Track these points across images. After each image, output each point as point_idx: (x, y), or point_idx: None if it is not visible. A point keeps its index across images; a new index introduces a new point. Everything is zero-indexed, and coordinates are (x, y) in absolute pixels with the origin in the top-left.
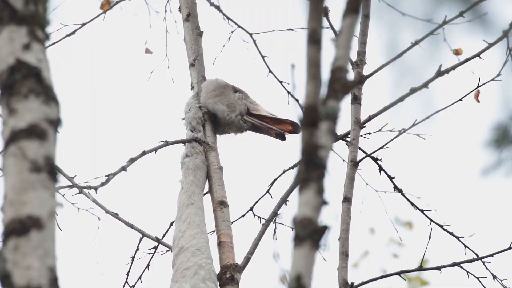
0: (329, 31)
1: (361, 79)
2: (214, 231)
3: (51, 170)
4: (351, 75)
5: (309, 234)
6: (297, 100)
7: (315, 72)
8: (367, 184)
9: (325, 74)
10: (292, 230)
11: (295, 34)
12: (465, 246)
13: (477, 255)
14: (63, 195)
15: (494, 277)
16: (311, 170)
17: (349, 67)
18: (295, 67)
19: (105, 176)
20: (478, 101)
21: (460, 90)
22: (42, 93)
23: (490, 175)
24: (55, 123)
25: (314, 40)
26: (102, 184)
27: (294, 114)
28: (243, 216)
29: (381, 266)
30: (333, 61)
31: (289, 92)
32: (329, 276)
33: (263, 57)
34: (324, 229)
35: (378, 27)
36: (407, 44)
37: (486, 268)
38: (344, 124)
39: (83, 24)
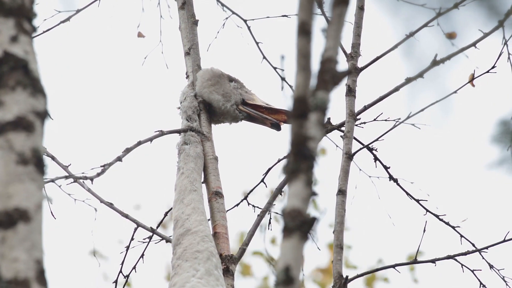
0: (322, 20)
1: (350, 70)
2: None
3: (38, 163)
4: (344, 66)
5: (298, 225)
6: (290, 86)
7: (305, 63)
8: (360, 169)
9: (315, 65)
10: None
11: (290, 20)
12: (461, 236)
13: (473, 245)
14: (59, 186)
15: (491, 267)
16: (300, 161)
17: (342, 58)
18: (285, 58)
19: (101, 166)
20: (473, 85)
21: (456, 79)
22: (29, 85)
23: (495, 169)
24: (42, 115)
25: (304, 31)
26: (98, 175)
27: (287, 101)
28: (237, 205)
29: (375, 258)
30: (323, 52)
31: (283, 78)
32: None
33: (257, 43)
34: (313, 220)
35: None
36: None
37: (483, 258)
38: (338, 116)
39: (78, 11)
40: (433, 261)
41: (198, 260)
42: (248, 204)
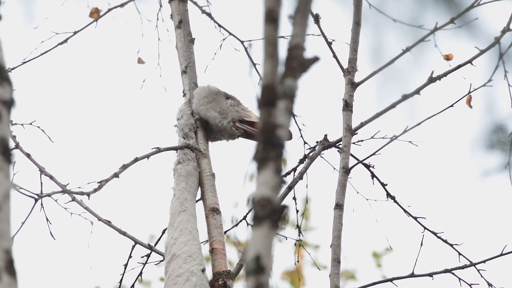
0: (322, 38)
1: (317, 57)
2: (207, 241)
3: (5, 151)
4: (341, 81)
5: (267, 214)
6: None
7: (272, 51)
8: (357, 192)
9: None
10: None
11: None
12: (459, 254)
13: (470, 261)
14: (55, 200)
15: (490, 285)
16: (269, 149)
17: (339, 73)
18: (252, 46)
19: (98, 182)
20: (471, 107)
21: (450, 96)
22: None
23: (490, 176)
24: (9, 103)
25: (271, 19)
26: (95, 190)
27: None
28: (236, 225)
29: (372, 272)
30: (290, 39)
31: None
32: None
33: (254, 64)
34: (282, 208)
35: (365, 31)
36: (394, 48)
37: (482, 276)
38: (335, 131)
39: (75, 32)
40: (430, 275)
41: (177, 285)
42: (247, 224)
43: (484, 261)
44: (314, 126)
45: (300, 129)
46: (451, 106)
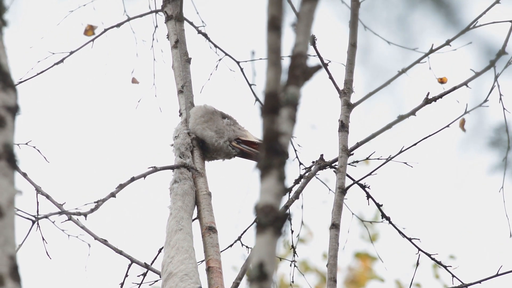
0: (317, 59)
1: (320, 65)
2: (203, 260)
3: (10, 158)
4: (337, 102)
5: (270, 221)
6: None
7: (275, 59)
8: (353, 214)
9: (286, 60)
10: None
11: (283, 62)
12: (453, 276)
13: (463, 283)
14: (52, 222)
15: None
16: (272, 157)
17: (335, 94)
18: (255, 53)
19: (95, 202)
20: (464, 130)
21: (445, 117)
22: None
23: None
24: (13, 110)
25: (274, 26)
26: (92, 211)
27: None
28: (231, 246)
29: None
30: (293, 47)
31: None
32: None
33: (250, 85)
34: (285, 216)
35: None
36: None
37: None
38: (331, 152)
39: (71, 52)
40: None
41: None
42: (242, 245)
43: (480, 281)
44: (310, 146)
45: (295, 150)
46: (447, 126)
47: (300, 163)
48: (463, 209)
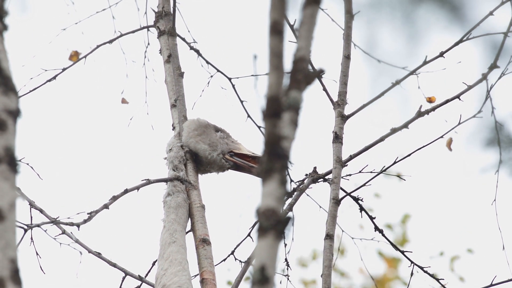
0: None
1: (322, 70)
2: (197, 275)
3: (11, 161)
4: (331, 114)
5: (272, 225)
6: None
7: (277, 63)
8: (343, 231)
9: (288, 64)
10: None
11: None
12: None
13: None
14: (45, 231)
15: None
16: (274, 161)
17: (329, 106)
18: (257, 57)
19: (88, 213)
20: (451, 150)
21: (437, 130)
22: (1, 84)
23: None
24: (15, 114)
25: (276, 31)
26: (85, 221)
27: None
28: (224, 260)
29: None
30: (295, 52)
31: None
32: None
33: (241, 102)
34: (287, 219)
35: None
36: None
37: None
38: (326, 163)
39: (64, 69)
40: None
41: None
42: (235, 259)
43: None
44: (303, 159)
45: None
46: (441, 137)
47: (292, 180)
48: (456, 218)
